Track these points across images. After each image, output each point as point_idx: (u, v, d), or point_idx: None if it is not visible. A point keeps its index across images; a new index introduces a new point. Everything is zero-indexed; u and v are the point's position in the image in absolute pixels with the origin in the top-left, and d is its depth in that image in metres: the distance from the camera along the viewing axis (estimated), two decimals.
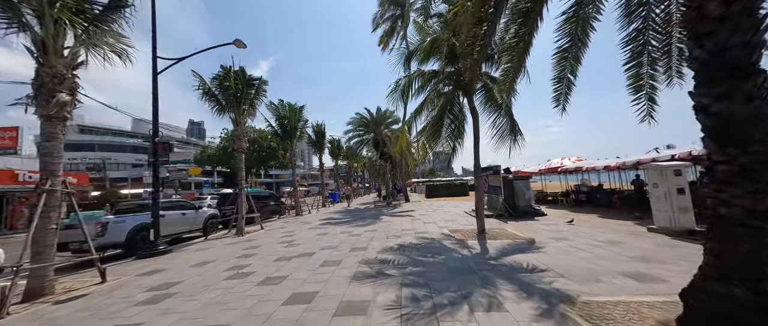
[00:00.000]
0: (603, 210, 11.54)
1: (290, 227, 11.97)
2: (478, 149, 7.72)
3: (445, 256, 5.71)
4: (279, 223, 13.69)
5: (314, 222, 12.94)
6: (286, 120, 17.44)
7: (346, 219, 12.96)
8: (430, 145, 8.24)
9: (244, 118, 11.96)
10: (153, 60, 8.39)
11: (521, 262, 5.02)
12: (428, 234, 8.27)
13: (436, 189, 28.15)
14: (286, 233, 10.22)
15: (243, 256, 6.87)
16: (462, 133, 8.05)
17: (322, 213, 17.75)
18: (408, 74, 8.48)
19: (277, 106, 17.49)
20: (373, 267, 5.17)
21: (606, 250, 5.60)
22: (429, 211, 14.32)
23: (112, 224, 8.36)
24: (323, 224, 11.92)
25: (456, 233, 8.11)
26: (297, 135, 18.32)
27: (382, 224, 10.76)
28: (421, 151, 8.36)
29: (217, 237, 10.57)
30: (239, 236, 10.31)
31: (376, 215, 14.09)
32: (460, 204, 17.71)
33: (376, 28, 21.28)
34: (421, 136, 8.52)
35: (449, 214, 12.63)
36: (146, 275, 5.81)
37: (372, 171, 42.94)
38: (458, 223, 9.94)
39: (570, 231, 7.63)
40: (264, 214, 16.48)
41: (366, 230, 9.56)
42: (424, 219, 11.61)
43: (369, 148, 24.95)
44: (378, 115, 20.96)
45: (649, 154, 9.04)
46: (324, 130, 23.87)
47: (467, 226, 9.18)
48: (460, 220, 10.65)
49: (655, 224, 7.03)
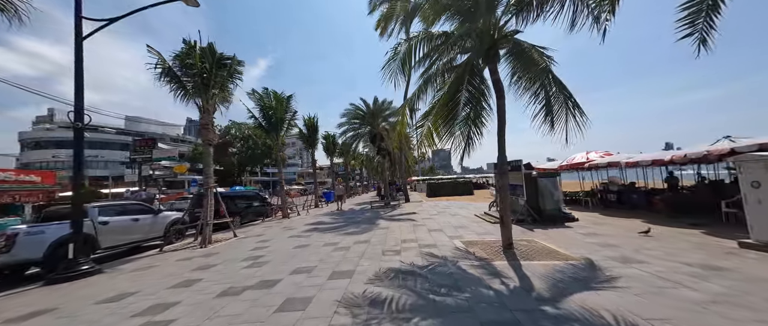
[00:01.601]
0: (642, 214, 9.61)
1: (270, 234, 10.01)
2: (503, 134, 5.76)
3: (470, 293, 3.76)
4: (260, 228, 11.75)
5: (299, 227, 11.00)
6: (271, 110, 15.45)
7: (337, 224, 11.01)
8: (439, 131, 6.28)
9: (213, 104, 9.97)
10: (76, 21, 6.40)
11: (599, 310, 3.08)
12: (437, 248, 6.32)
13: (438, 187, 26.21)
14: (260, 243, 8.27)
15: (181, 284, 4.92)
16: (481, 114, 6.08)
17: (313, 215, 15.80)
18: (410, 38, 6.49)
19: (261, 95, 15.50)
20: (357, 318, 3.22)
21: (721, 286, 3.65)
22: (433, 214, 12.38)
23: (24, 236, 6.40)
24: (309, 230, 9.97)
25: (473, 247, 6.16)
26: (284, 128, 16.35)
27: (378, 232, 8.81)
28: (426, 140, 6.30)
29: (176, 248, 8.61)
30: (203, 247, 8.36)
31: (371, 218, 12.14)
32: (467, 204, 15.77)
33: (372, 11, 19.25)
34: (427, 119, 6.54)
35: (458, 218, 10.68)
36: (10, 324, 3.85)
37: (370, 168, 40.98)
38: (472, 232, 8.00)
39: (632, 247, 5.68)
40: (248, 217, 14.60)
41: (357, 240, 7.61)
42: (428, 224, 9.67)
43: (366, 143, 22.96)
44: (375, 107, 18.94)
45: (719, 145, 7.10)
46: (316, 123, 21.85)
47: (485, 236, 7.23)
48: (474, 227, 8.70)
49: (752, 237, 5.09)
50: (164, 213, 10.06)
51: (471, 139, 6.79)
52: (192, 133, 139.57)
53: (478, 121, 6.13)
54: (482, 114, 6.21)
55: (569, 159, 12.95)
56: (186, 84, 9.59)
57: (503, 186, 5.87)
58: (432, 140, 6.60)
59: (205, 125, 9.66)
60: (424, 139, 6.68)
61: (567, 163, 12.90)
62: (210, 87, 9.76)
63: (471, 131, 6.62)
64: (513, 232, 5.95)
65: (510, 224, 5.84)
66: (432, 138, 6.59)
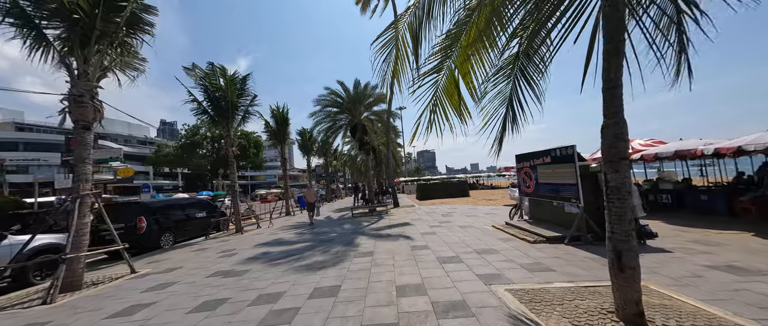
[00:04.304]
0: (721, 221, 6.80)
1: (191, 265, 6.49)
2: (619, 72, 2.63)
3: None
4: (188, 252, 8.16)
5: (244, 250, 7.52)
6: (218, 92, 11.86)
7: (299, 245, 7.60)
8: (472, 79, 3.08)
9: (98, 65, 6.41)
10: None
11: None
12: (471, 314, 3.09)
13: (430, 189, 23.11)
14: (147, 295, 4.78)
15: None
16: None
17: (278, 226, 12.27)
18: None
19: (206, 72, 11.86)
20: None
21: None
22: (434, 225, 9.16)
23: None
24: (251, 259, 6.53)
25: (547, 310, 2.98)
26: (239, 116, 12.77)
27: (357, 265, 5.49)
28: (447, 100, 2.91)
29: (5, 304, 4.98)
30: (48, 303, 4.76)
31: (350, 234, 8.79)
32: (472, 209, 12.64)
33: None
34: (449, 54, 3.28)
35: (472, 233, 7.50)
36: None
37: (353, 169, 37.52)
38: (511, 261, 4.82)
39: None
40: (189, 231, 10.93)
41: (316, 289, 4.27)
42: (434, 245, 6.43)
43: (346, 138, 19.55)
44: (356, 92, 15.55)
45: None
46: (287, 115, 18.31)
47: (548, 276, 4.04)
48: (505, 250, 5.54)
49: None
50: (14, 238, 6.32)
51: (522, 104, 3.70)
52: (166, 135, 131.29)
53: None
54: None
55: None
56: (43, 28, 5.99)
57: (620, 188, 2.70)
58: (457, 103, 3.37)
59: (79, 96, 6.04)
60: (440, 100, 3.43)
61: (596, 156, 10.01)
62: (92, 38, 6.20)
63: (522, 90, 3.50)
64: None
65: (635, 267, 2.69)
66: (457, 98, 3.36)
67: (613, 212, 2.73)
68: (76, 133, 6.05)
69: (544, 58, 3.75)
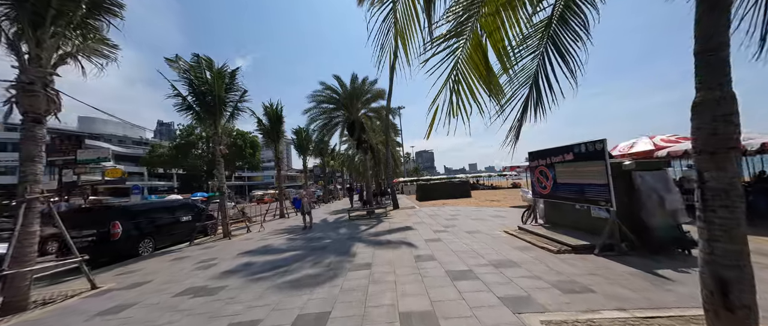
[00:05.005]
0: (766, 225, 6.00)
1: (164, 277, 5.63)
2: None
3: None
4: (165, 261, 7.29)
5: (227, 260, 6.66)
6: (204, 86, 10.99)
7: (287, 254, 6.75)
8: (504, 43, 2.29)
9: (52, 48, 5.56)
10: None
11: None
12: None
13: (431, 190, 22.28)
14: (97, 324, 3.92)
15: None
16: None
17: (269, 230, 11.42)
18: None
19: (191, 65, 10.98)
20: None
21: None
22: (438, 230, 8.33)
23: None
24: (233, 270, 5.68)
25: None
26: (227, 113, 11.91)
27: (353, 280, 4.65)
28: (471, 68, 2.02)
29: None
30: None
31: (346, 241, 7.95)
32: (477, 211, 11.81)
33: None
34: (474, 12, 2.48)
35: (482, 240, 6.67)
36: None
37: (351, 169, 36.66)
38: (535, 277, 3.99)
39: None
40: (172, 236, 10.09)
41: (297, 321, 3.44)
42: (440, 255, 5.60)
43: (343, 137, 18.71)
44: (353, 87, 14.67)
45: None
46: (280, 112, 17.46)
47: (588, 297, 3.23)
48: (526, 262, 4.71)
49: None
50: None
51: (550, 81, 2.87)
52: (163, 135, 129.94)
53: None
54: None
55: (624, 147, 9.28)
56: None
57: (728, 192, 1.87)
58: (485, 75, 2.54)
59: (29, 84, 5.18)
60: (462, 73, 2.60)
61: (620, 153, 9.23)
62: (46, 18, 5.35)
63: (551, 63, 2.68)
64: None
65: (751, 306, 1.85)
66: (484, 69, 2.54)
67: (717, 224, 1.90)
68: (26, 126, 5.19)
69: (585, 21, 2.93)
